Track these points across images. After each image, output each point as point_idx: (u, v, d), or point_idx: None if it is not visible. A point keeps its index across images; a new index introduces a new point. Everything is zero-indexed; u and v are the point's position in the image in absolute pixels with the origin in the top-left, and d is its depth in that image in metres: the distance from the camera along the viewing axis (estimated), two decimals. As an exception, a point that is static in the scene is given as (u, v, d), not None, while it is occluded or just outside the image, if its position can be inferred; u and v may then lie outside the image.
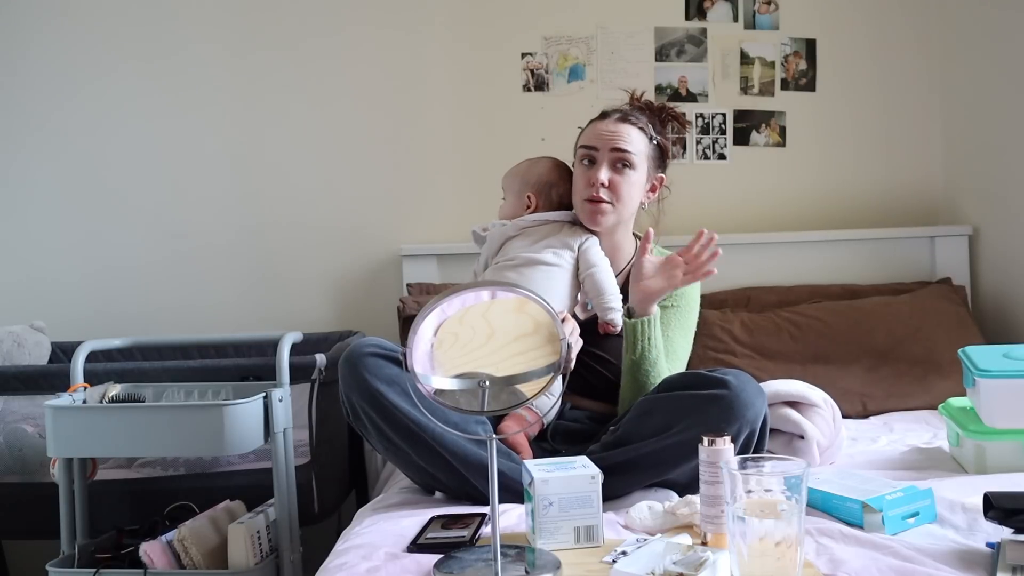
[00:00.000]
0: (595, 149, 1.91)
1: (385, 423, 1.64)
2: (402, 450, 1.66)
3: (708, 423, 1.54)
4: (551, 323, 1.29)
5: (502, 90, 2.87)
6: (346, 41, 2.85)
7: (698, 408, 1.60)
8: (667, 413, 1.64)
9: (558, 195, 2.00)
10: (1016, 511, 1.34)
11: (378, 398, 1.62)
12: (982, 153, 2.79)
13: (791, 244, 2.83)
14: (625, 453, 1.64)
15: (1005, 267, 2.73)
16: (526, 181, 2.01)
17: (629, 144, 1.91)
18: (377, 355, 1.65)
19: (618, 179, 1.90)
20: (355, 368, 1.64)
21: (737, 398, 1.59)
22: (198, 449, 1.99)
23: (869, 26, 2.92)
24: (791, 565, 1.14)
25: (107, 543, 2.07)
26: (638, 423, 1.68)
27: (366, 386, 1.63)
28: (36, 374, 2.21)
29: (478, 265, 2.01)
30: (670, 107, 2.04)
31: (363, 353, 1.65)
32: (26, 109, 2.84)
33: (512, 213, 2.00)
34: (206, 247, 2.86)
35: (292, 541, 2.02)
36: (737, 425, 1.57)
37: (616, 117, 1.95)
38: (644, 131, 1.94)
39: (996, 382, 1.74)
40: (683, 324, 1.95)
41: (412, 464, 1.69)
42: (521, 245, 1.91)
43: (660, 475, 1.65)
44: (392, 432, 1.64)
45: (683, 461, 1.61)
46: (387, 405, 1.62)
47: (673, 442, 1.61)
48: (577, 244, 1.90)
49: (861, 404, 2.40)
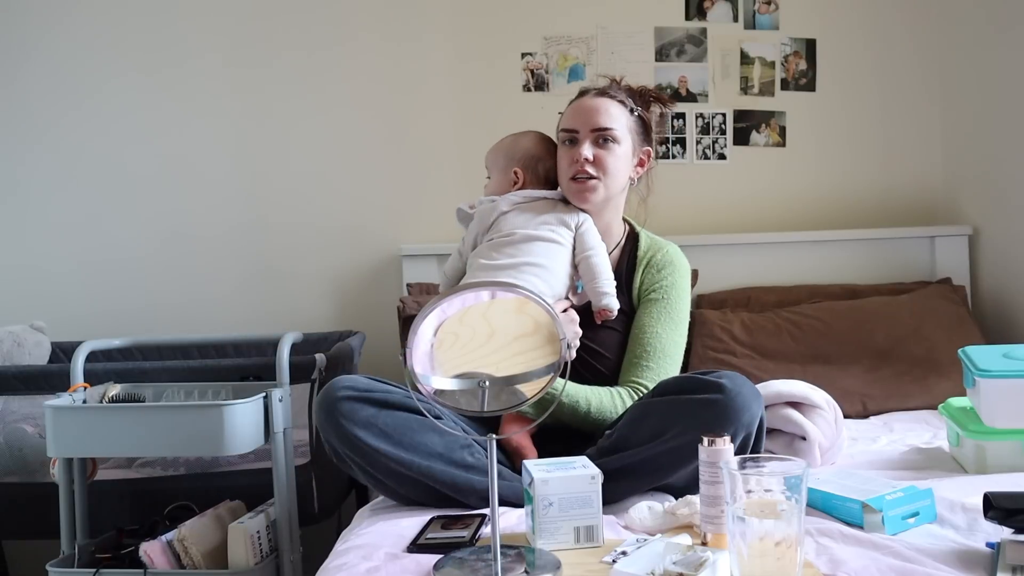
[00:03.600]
0: (575, 131, 1.87)
1: (367, 465, 1.63)
2: (389, 487, 1.66)
3: (703, 428, 1.48)
4: (551, 323, 1.28)
5: (502, 90, 2.87)
6: (347, 41, 2.85)
7: (693, 413, 1.57)
8: (661, 418, 1.61)
9: (544, 169, 1.95)
10: (1016, 511, 1.33)
11: (356, 443, 1.61)
12: (982, 153, 2.79)
13: (791, 244, 2.83)
14: (620, 460, 1.62)
15: (1005, 267, 2.72)
16: (511, 156, 1.96)
17: (610, 120, 1.87)
18: (351, 398, 1.63)
19: (602, 153, 1.86)
20: (331, 414, 1.63)
21: (732, 402, 1.56)
22: (198, 449, 1.99)
23: (869, 26, 2.92)
24: (791, 565, 1.14)
25: (107, 543, 2.07)
26: (632, 428, 1.65)
27: (343, 432, 1.61)
28: (36, 374, 2.21)
29: (464, 244, 1.93)
30: (651, 89, 1.99)
31: (336, 398, 1.63)
32: (29, 111, 2.84)
33: (498, 190, 1.94)
34: (206, 247, 2.86)
35: (292, 541, 2.02)
36: (732, 429, 1.54)
37: (594, 93, 1.92)
38: (624, 104, 1.91)
39: (996, 382, 1.73)
40: (673, 318, 1.88)
41: (401, 496, 1.68)
42: (516, 221, 1.84)
43: (656, 481, 1.64)
44: (375, 472, 1.64)
45: (679, 467, 1.60)
46: (366, 449, 1.61)
47: (668, 448, 1.59)
48: (574, 223, 1.84)
49: (861, 404, 2.40)
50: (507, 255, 1.78)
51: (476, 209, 1.91)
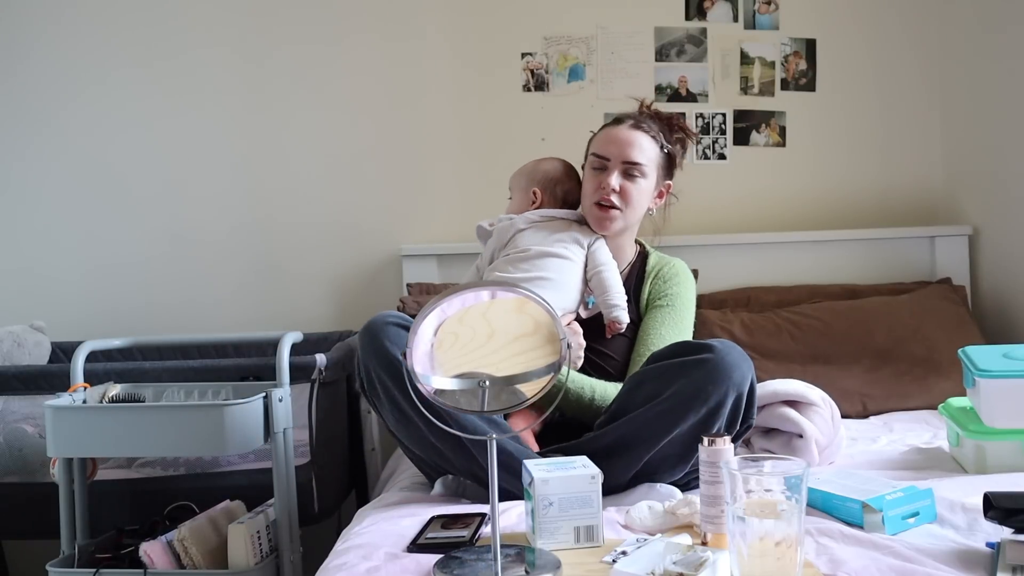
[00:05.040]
0: (607, 159, 1.95)
1: (400, 393, 1.64)
2: (413, 423, 1.67)
3: (695, 386, 1.57)
4: (551, 323, 1.29)
5: (502, 90, 2.87)
6: (346, 41, 2.85)
7: (685, 373, 1.61)
8: (656, 382, 1.65)
9: (563, 191, 2.05)
10: (1016, 511, 1.34)
11: (397, 366, 1.62)
12: (982, 153, 2.79)
13: (791, 244, 2.83)
14: (617, 428, 1.66)
15: (1005, 267, 2.72)
16: (532, 178, 2.05)
17: (641, 154, 1.95)
18: (399, 325, 1.68)
19: (629, 186, 1.95)
20: (375, 337, 1.66)
21: (723, 360, 1.60)
22: (198, 449, 1.99)
23: (869, 26, 2.92)
24: (791, 565, 1.14)
25: (107, 543, 2.07)
26: (629, 396, 1.70)
27: (385, 354, 1.64)
28: (36, 374, 2.21)
29: (482, 260, 2.02)
30: (679, 119, 2.06)
31: (385, 322, 1.68)
32: (29, 109, 2.84)
33: (518, 209, 2.04)
34: (206, 247, 2.86)
35: (292, 541, 2.02)
36: (724, 387, 1.59)
37: (629, 124, 1.98)
38: (656, 139, 1.98)
39: (996, 382, 1.74)
40: (677, 323, 1.96)
41: (422, 440, 1.69)
42: (532, 238, 1.94)
43: (653, 446, 1.64)
44: (406, 403, 1.64)
45: (675, 426, 1.61)
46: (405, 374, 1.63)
47: (663, 408, 1.62)
48: (587, 242, 1.94)
49: (861, 404, 2.40)
50: (522, 270, 1.88)
51: (495, 227, 2.01)
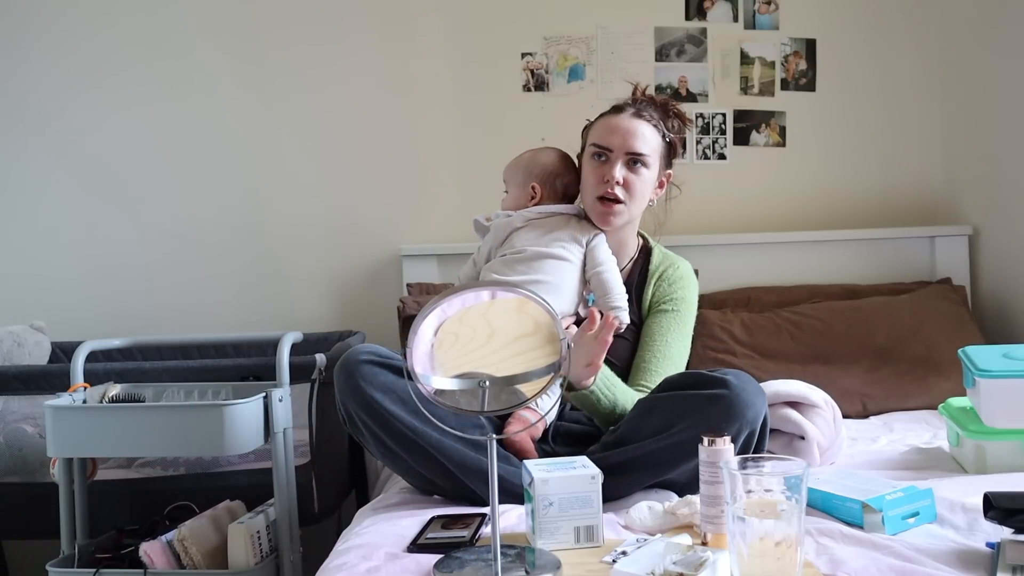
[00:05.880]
0: (609, 150, 1.89)
1: (382, 431, 1.63)
2: (400, 457, 1.66)
3: (708, 423, 1.53)
4: (551, 323, 1.29)
5: (502, 90, 2.87)
6: (347, 41, 2.85)
7: (698, 408, 1.59)
8: (667, 413, 1.63)
9: (563, 185, 1.98)
10: (1016, 511, 1.34)
11: (374, 406, 1.62)
12: (982, 153, 2.79)
13: (791, 244, 2.83)
14: (624, 453, 1.64)
15: (1005, 267, 2.72)
16: (530, 172, 1.98)
17: (645, 144, 1.90)
18: (372, 362, 1.64)
19: (632, 178, 1.89)
20: (351, 376, 1.64)
21: (738, 398, 1.58)
22: (198, 449, 1.99)
23: (869, 26, 2.92)
24: (791, 565, 1.14)
25: (107, 543, 2.07)
26: (638, 423, 1.67)
27: (361, 394, 1.62)
28: (36, 374, 2.21)
29: (479, 255, 1.96)
30: (674, 104, 2.01)
31: (358, 361, 1.64)
32: (29, 110, 2.84)
33: (515, 205, 1.96)
34: (206, 247, 2.86)
35: (292, 541, 2.02)
36: (737, 425, 1.57)
37: (631, 113, 1.93)
38: (657, 128, 1.93)
39: (996, 382, 1.74)
40: (682, 329, 1.94)
41: (410, 470, 1.69)
42: (529, 237, 1.88)
43: (660, 475, 1.65)
44: (389, 439, 1.64)
45: (683, 461, 1.61)
46: (383, 413, 1.62)
47: (673, 442, 1.60)
48: (585, 240, 1.88)
49: (861, 404, 2.40)
50: (518, 272, 1.82)
51: (492, 223, 1.95)
